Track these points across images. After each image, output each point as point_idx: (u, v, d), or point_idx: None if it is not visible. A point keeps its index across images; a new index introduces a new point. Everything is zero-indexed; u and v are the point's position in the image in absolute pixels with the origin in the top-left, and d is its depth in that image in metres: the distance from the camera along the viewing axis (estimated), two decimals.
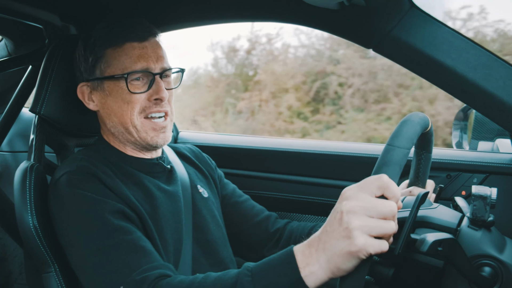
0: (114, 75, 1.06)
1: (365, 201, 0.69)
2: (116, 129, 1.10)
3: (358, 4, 1.01)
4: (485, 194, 0.94)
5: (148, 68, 1.07)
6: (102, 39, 1.08)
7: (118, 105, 1.07)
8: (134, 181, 1.07)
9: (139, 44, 1.07)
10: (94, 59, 1.08)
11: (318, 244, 0.74)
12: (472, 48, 1.00)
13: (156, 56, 1.08)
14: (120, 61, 1.06)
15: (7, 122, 1.54)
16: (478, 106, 1.03)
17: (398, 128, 0.88)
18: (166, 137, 1.11)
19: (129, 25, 1.08)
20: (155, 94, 1.07)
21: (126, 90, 1.05)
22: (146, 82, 1.07)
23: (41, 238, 0.99)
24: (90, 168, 1.01)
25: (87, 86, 1.11)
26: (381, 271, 0.96)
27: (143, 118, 1.07)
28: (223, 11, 1.30)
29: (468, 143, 1.82)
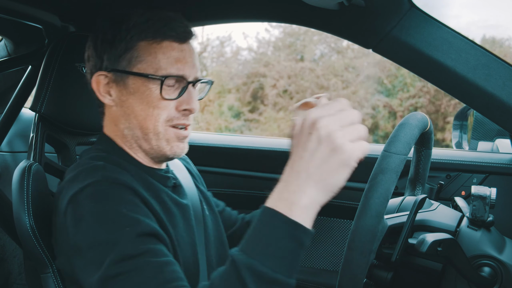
0: (148, 74, 0.93)
1: (334, 115, 0.68)
2: (131, 131, 0.97)
3: (358, 4, 1.01)
4: (484, 194, 0.94)
5: (185, 74, 0.95)
6: (137, 28, 0.94)
7: (142, 108, 0.94)
8: (155, 194, 0.96)
9: (178, 46, 0.95)
10: (124, 48, 0.94)
11: (297, 176, 0.69)
12: (471, 49, 1.00)
13: (193, 62, 0.97)
14: (156, 59, 0.93)
15: (7, 122, 1.54)
16: (477, 106, 1.03)
17: (395, 132, 0.88)
18: (185, 147, 1.00)
19: (170, 20, 0.95)
20: (186, 104, 0.95)
21: (156, 94, 0.93)
22: (177, 88, 0.95)
23: (38, 239, 0.99)
24: (119, 178, 0.87)
25: (106, 76, 0.97)
26: (380, 275, 0.96)
27: (168, 126, 0.96)
28: (221, 11, 1.30)
29: (467, 143, 1.82)
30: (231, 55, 10.26)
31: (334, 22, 1.14)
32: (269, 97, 9.49)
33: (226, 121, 9.49)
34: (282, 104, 9.49)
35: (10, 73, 1.67)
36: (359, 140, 0.68)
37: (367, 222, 0.81)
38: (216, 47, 10.18)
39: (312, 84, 9.42)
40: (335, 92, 9.18)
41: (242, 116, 9.55)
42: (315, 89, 9.35)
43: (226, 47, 10.29)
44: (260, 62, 9.95)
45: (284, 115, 9.36)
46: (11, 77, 1.74)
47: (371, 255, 0.84)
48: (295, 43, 10.06)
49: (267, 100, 9.52)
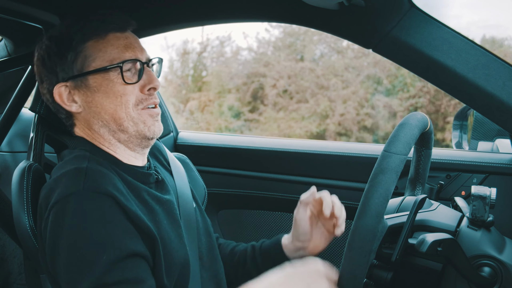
0: (107, 66, 0.96)
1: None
2: (107, 128, 1.00)
3: (358, 4, 1.01)
4: (484, 194, 0.94)
5: (137, 57, 1.00)
6: (79, 33, 0.98)
7: (109, 100, 0.97)
8: (136, 194, 0.97)
9: (122, 34, 1.00)
10: (73, 54, 0.98)
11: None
12: (471, 49, 1.00)
13: (139, 46, 1.03)
14: (107, 52, 0.97)
15: (7, 122, 1.54)
16: (477, 106, 1.03)
17: (395, 132, 0.88)
18: (160, 126, 1.04)
19: (107, 15, 1.01)
20: (149, 83, 1.00)
21: (118, 82, 0.97)
22: (135, 72, 1.00)
23: (37, 239, 0.99)
24: (101, 187, 0.88)
25: (66, 86, 1.00)
26: (380, 275, 0.96)
27: (139, 110, 1.00)
28: (221, 11, 1.30)
29: (467, 143, 1.82)
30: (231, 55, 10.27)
31: (334, 22, 1.14)
32: (269, 97, 9.51)
33: (226, 121, 9.51)
34: (282, 104, 9.51)
35: (10, 73, 1.67)
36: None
37: (367, 222, 0.81)
38: (216, 47, 10.19)
39: (312, 84, 9.44)
40: (335, 92, 9.19)
41: (242, 116, 9.57)
42: (315, 89, 9.37)
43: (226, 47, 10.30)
44: (260, 62, 9.96)
45: (284, 115, 9.38)
46: (11, 77, 1.74)
47: (371, 255, 0.84)
48: (295, 43, 10.06)
49: (267, 100, 9.54)
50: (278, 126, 9.29)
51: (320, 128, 9.20)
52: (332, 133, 9.08)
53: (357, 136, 9.06)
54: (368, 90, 9.36)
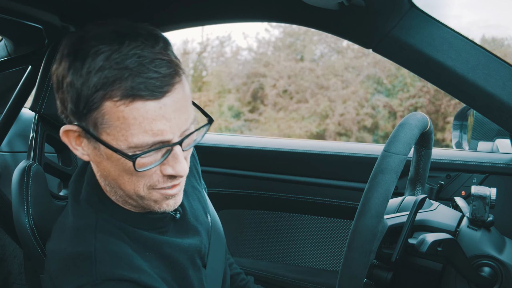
0: (116, 149, 0.73)
1: None
2: (113, 189, 0.84)
3: (358, 4, 1.01)
4: (484, 194, 0.94)
5: (164, 140, 0.74)
6: (99, 81, 0.70)
7: (119, 174, 0.78)
8: (152, 251, 0.86)
9: (155, 103, 0.72)
10: (87, 107, 0.72)
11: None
12: (471, 49, 1.00)
13: (178, 115, 0.74)
14: (126, 125, 0.72)
15: (7, 122, 1.54)
16: (477, 107, 1.03)
17: (395, 132, 0.88)
18: (177, 202, 0.85)
19: (141, 71, 0.70)
20: (171, 169, 0.78)
21: (131, 166, 0.75)
22: (160, 150, 0.77)
23: (37, 239, 0.99)
24: (115, 271, 0.77)
25: (74, 132, 0.78)
26: (380, 275, 0.96)
27: (152, 189, 0.80)
28: (221, 11, 1.30)
29: (467, 143, 1.82)
30: (231, 55, 10.28)
31: (334, 22, 1.14)
32: (269, 97, 9.53)
33: (226, 121, 9.52)
34: (282, 104, 9.52)
35: (10, 73, 1.67)
36: None
37: (367, 222, 0.81)
38: (216, 47, 10.21)
39: (312, 84, 9.45)
40: (335, 92, 9.20)
41: (242, 116, 9.58)
42: (315, 89, 9.38)
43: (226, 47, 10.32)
44: (260, 62, 9.97)
45: (284, 115, 9.39)
46: (11, 77, 1.74)
47: (371, 255, 0.84)
48: (295, 43, 10.06)
49: (267, 100, 9.55)
50: (278, 126, 9.31)
51: (320, 128, 9.20)
52: (332, 133, 9.10)
53: (357, 136, 9.08)
54: (368, 90, 9.36)
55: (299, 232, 1.74)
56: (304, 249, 1.74)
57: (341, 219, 1.68)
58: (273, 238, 1.78)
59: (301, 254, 1.75)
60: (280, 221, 1.77)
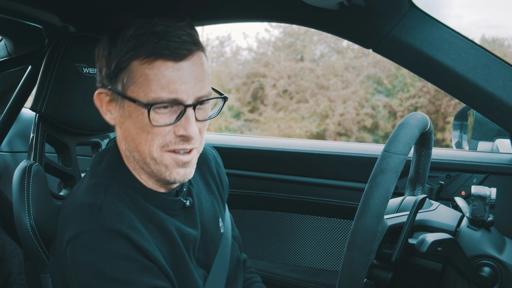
0: (136, 100, 0.85)
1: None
2: (131, 154, 0.92)
3: (358, 4, 1.01)
4: (484, 194, 0.94)
5: (179, 98, 0.84)
6: (130, 44, 0.85)
7: (137, 131, 0.88)
8: (156, 224, 0.92)
9: (174, 65, 0.84)
10: (118, 67, 0.87)
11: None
12: (471, 49, 1.00)
13: (194, 81, 0.86)
14: (147, 81, 0.84)
15: (7, 122, 1.54)
16: (477, 106, 1.03)
17: (395, 132, 0.87)
18: (187, 173, 0.91)
19: (166, 34, 0.84)
20: (182, 129, 0.86)
21: (148, 120, 0.85)
22: (175, 111, 0.86)
23: (38, 239, 0.99)
24: (114, 224, 0.84)
25: (106, 94, 0.91)
26: (380, 275, 0.96)
27: (165, 152, 0.88)
28: (221, 11, 1.30)
29: (467, 143, 1.82)
30: (231, 55, 10.28)
31: (334, 22, 1.14)
32: (269, 97, 9.53)
33: (226, 121, 9.52)
34: (282, 104, 9.52)
35: (10, 73, 1.67)
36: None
37: (367, 222, 0.81)
38: (216, 47, 10.21)
39: (312, 84, 9.45)
40: (335, 92, 9.20)
41: (242, 116, 9.58)
42: (315, 89, 9.38)
43: (226, 47, 10.32)
44: (260, 62, 9.97)
45: (284, 115, 9.39)
46: (11, 77, 1.74)
47: (371, 255, 0.84)
48: (295, 43, 10.06)
49: (267, 100, 9.55)
50: (278, 126, 9.31)
51: (320, 128, 9.20)
52: (332, 133, 9.10)
53: (357, 136, 9.07)
54: (368, 90, 9.36)
55: (299, 232, 1.74)
56: (304, 249, 1.74)
57: (341, 219, 1.68)
58: (273, 238, 1.78)
59: (301, 254, 1.75)
60: (280, 221, 1.77)
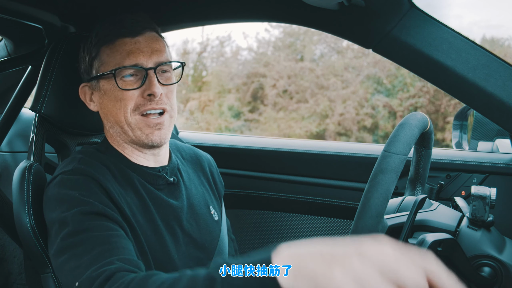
0: (104, 73, 1.02)
1: None
2: (114, 129, 1.06)
3: (358, 4, 1.01)
4: (484, 194, 0.94)
5: (138, 63, 1.01)
6: (97, 37, 1.05)
7: (112, 104, 1.03)
8: (133, 188, 1.03)
9: (131, 40, 1.02)
10: (90, 58, 1.05)
11: (295, 257, 0.59)
12: (471, 49, 1.00)
13: (150, 50, 1.02)
14: (112, 57, 1.02)
15: (7, 122, 1.54)
16: (477, 106, 1.03)
17: (395, 132, 0.87)
18: (162, 134, 1.04)
19: (120, 20, 1.04)
20: (148, 89, 1.01)
21: (117, 87, 1.01)
22: (140, 78, 1.02)
23: (38, 239, 0.99)
24: (86, 169, 0.97)
25: (88, 87, 1.09)
26: None
27: (137, 115, 1.02)
28: (221, 11, 1.30)
29: (467, 143, 1.82)
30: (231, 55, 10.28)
31: (334, 22, 1.14)
32: (269, 97, 9.53)
33: (226, 121, 9.52)
34: (282, 104, 9.52)
35: (10, 73, 1.67)
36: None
37: (367, 222, 0.81)
38: (216, 47, 10.21)
39: (312, 84, 9.45)
40: (335, 92, 9.20)
41: (242, 116, 9.58)
42: (315, 89, 9.38)
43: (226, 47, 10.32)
44: (260, 62, 9.97)
45: (284, 115, 9.39)
46: (11, 77, 1.74)
47: None
48: (295, 43, 10.06)
49: (267, 100, 9.55)
50: (278, 126, 9.31)
51: (320, 128, 9.20)
52: (332, 133, 9.10)
53: (357, 136, 9.07)
54: (368, 90, 9.36)
55: (299, 232, 1.74)
56: None
57: (341, 219, 1.68)
58: (273, 238, 1.78)
59: None
60: (280, 221, 1.77)
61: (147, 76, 1.01)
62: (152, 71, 1.02)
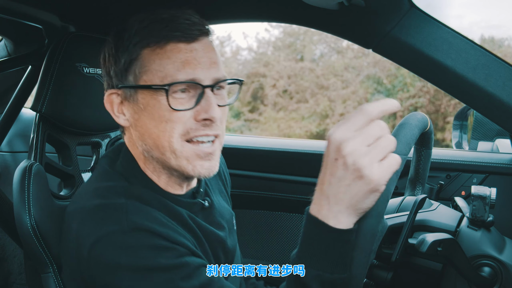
0: (151, 85, 0.81)
1: (358, 136, 0.65)
2: (150, 153, 0.87)
3: (358, 4, 1.01)
4: (484, 194, 0.94)
5: (196, 78, 0.82)
6: (138, 35, 0.83)
7: (154, 124, 0.83)
8: (180, 221, 0.87)
9: (186, 46, 0.82)
10: (128, 60, 0.84)
11: (328, 201, 0.68)
12: (471, 49, 1.00)
13: (209, 62, 0.84)
14: (161, 66, 0.81)
15: (7, 122, 1.54)
16: (477, 107, 1.03)
17: (395, 132, 0.87)
18: (212, 166, 0.86)
19: (173, 19, 0.83)
20: (204, 112, 0.82)
21: (165, 106, 0.81)
22: (193, 95, 0.83)
23: (39, 239, 0.99)
24: (144, 222, 0.78)
25: (117, 94, 0.88)
26: (380, 275, 0.96)
27: (185, 142, 0.83)
28: (221, 11, 1.30)
29: (467, 143, 1.82)
30: (231, 55, 10.28)
31: (334, 22, 1.14)
32: (269, 97, 9.53)
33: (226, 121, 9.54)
34: (282, 104, 9.53)
35: (10, 73, 1.67)
36: (388, 158, 0.67)
37: (367, 222, 0.81)
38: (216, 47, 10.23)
39: (312, 84, 9.45)
40: (335, 92, 9.21)
41: (242, 116, 9.59)
42: (315, 89, 9.39)
43: (226, 47, 10.32)
44: (260, 62, 9.98)
45: (284, 115, 9.40)
46: (11, 77, 1.74)
47: (371, 255, 0.84)
48: (295, 43, 10.07)
49: (267, 100, 9.56)
50: (278, 126, 9.32)
51: (320, 128, 9.21)
52: None
53: None
54: (368, 90, 9.37)
55: (299, 232, 1.74)
56: None
57: None
58: (273, 238, 1.78)
59: None
60: (280, 221, 1.77)
61: (203, 95, 0.82)
62: (210, 90, 0.83)
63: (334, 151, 0.67)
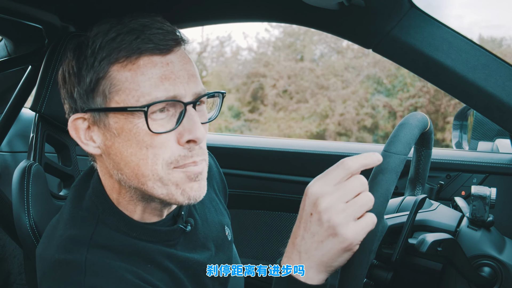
0: (126, 107, 0.70)
1: (336, 191, 0.64)
2: (127, 183, 0.76)
3: (358, 4, 1.01)
4: (484, 194, 0.94)
5: (177, 95, 0.71)
6: (104, 50, 0.71)
7: (132, 151, 0.72)
8: (155, 263, 0.79)
9: (161, 59, 0.72)
10: (94, 79, 0.72)
11: (299, 256, 0.67)
12: (471, 49, 1.00)
13: (187, 75, 0.73)
14: (135, 84, 0.70)
15: (7, 122, 1.54)
16: (477, 107, 1.03)
17: (395, 132, 0.87)
18: (201, 187, 0.77)
19: (145, 28, 0.72)
20: (187, 133, 0.72)
21: (144, 130, 0.70)
22: (173, 114, 0.73)
23: (38, 238, 0.99)
24: (104, 285, 0.71)
25: (84, 119, 0.75)
26: (380, 275, 0.96)
27: (171, 169, 0.73)
28: (221, 11, 1.30)
29: (467, 143, 1.82)
30: (231, 55, 10.30)
31: (334, 22, 1.14)
32: (269, 97, 9.55)
33: (226, 121, 9.54)
34: (282, 104, 9.55)
35: (10, 73, 1.67)
36: (364, 217, 0.66)
37: None
38: (216, 47, 10.23)
39: (312, 84, 9.47)
40: (335, 92, 9.21)
41: (242, 116, 9.60)
42: (315, 89, 9.40)
43: (226, 47, 10.35)
44: (260, 62, 9.99)
45: (284, 115, 9.42)
46: (11, 77, 1.74)
47: (371, 255, 0.84)
48: (295, 43, 10.08)
49: (267, 100, 9.57)
50: (278, 126, 9.33)
51: (320, 128, 9.22)
52: (332, 133, 9.11)
53: (357, 136, 9.09)
54: (368, 90, 9.38)
55: None
56: None
57: None
58: (273, 238, 1.78)
59: None
60: (280, 221, 1.77)
61: (185, 114, 0.72)
62: (191, 107, 0.73)
63: (310, 206, 0.66)
